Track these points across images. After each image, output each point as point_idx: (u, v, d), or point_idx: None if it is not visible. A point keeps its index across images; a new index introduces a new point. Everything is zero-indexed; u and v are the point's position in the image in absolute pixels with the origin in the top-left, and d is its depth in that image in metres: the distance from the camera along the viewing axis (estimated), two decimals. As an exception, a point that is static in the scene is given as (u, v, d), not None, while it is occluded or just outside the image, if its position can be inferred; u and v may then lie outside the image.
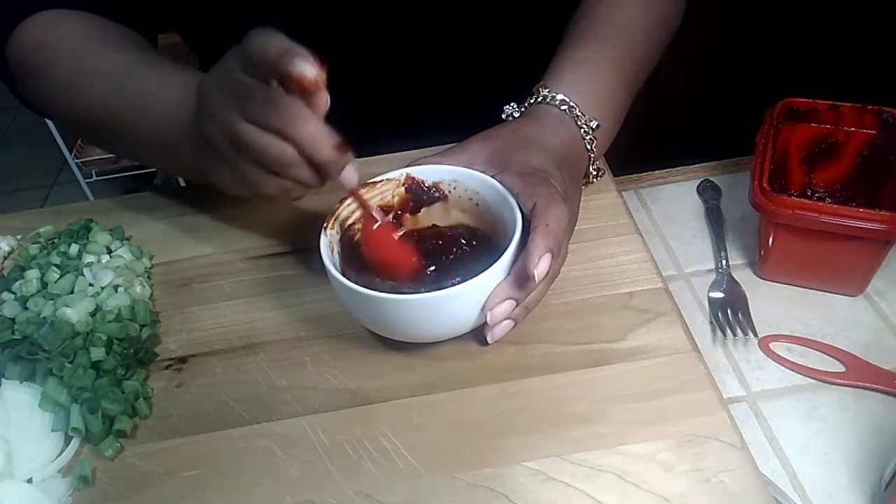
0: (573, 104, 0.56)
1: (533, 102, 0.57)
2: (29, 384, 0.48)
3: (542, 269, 0.44)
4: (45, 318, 0.51)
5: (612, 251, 0.56)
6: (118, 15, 0.63)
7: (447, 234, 0.52)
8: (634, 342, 0.49)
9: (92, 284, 0.54)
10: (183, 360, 0.52)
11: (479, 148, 0.54)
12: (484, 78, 0.70)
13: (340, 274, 0.46)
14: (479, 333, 0.49)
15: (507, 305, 0.46)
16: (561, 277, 0.51)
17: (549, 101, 0.56)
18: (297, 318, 0.54)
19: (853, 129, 0.72)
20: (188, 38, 0.74)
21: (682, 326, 0.50)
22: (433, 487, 0.43)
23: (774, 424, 0.60)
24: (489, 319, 0.46)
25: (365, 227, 0.50)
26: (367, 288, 0.45)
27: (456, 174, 0.52)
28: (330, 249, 0.49)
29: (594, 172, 0.59)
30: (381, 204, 0.53)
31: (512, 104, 0.60)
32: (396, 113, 0.71)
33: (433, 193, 0.53)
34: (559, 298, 0.53)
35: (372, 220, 0.49)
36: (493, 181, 0.51)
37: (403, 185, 0.53)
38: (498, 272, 0.45)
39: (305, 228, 0.58)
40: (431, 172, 0.53)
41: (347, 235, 0.51)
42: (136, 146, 0.60)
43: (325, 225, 0.50)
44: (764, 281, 0.72)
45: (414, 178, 0.53)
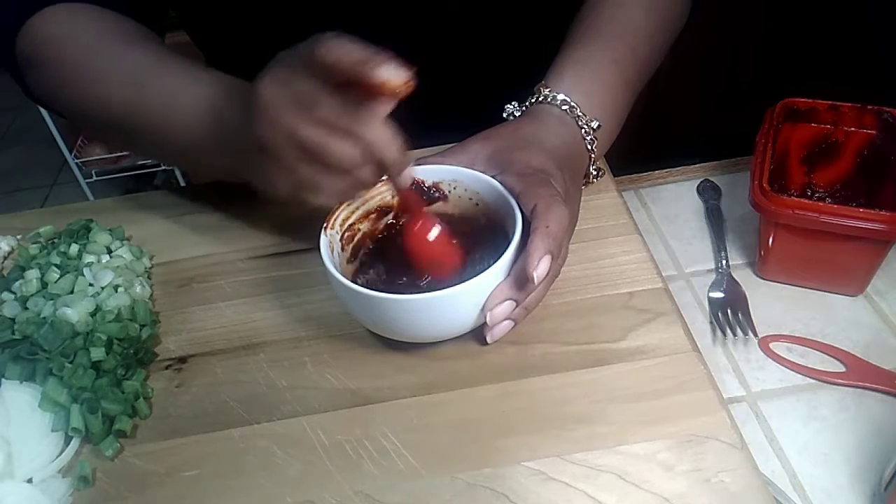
0: (574, 104, 0.56)
1: (534, 102, 0.57)
2: (29, 384, 0.48)
3: (541, 270, 0.44)
4: (45, 318, 0.51)
5: (612, 251, 0.56)
6: (129, 10, 0.62)
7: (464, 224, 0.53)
8: (634, 342, 0.49)
9: (92, 284, 0.54)
10: (183, 360, 0.52)
11: (479, 148, 0.54)
12: (485, 78, 0.70)
13: (341, 274, 0.46)
14: (479, 333, 0.49)
15: (506, 306, 0.46)
16: (561, 277, 0.51)
17: (550, 100, 0.56)
18: (297, 318, 0.54)
19: (853, 129, 0.72)
20: (195, 36, 0.73)
21: (682, 326, 0.50)
22: (433, 487, 0.43)
23: (774, 424, 0.60)
24: (489, 320, 0.46)
25: (408, 226, 0.50)
26: (367, 288, 0.45)
27: (456, 174, 0.52)
28: (330, 249, 0.49)
29: (594, 172, 0.59)
30: (381, 204, 0.53)
31: (513, 103, 0.60)
32: (396, 113, 0.71)
33: (433, 193, 0.53)
34: (559, 298, 0.53)
35: (418, 219, 0.49)
36: (493, 181, 0.51)
37: (403, 185, 0.53)
38: (498, 273, 0.46)
39: (305, 228, 0.58)
40: (431, 172, 0.53)
41: (376, 230, 0.53)
42: (154, 145, 0.60)
43: (325, 225, 0.50)
44: (764, 281, 0.72)
45: (414, 178, 0.53)
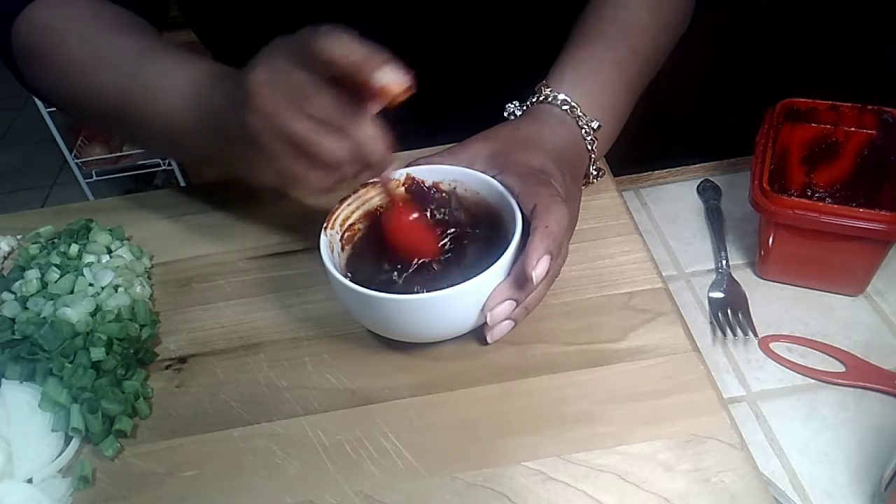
0: (574, 104, 0.56)
1: (535, 101, 0.57)
2: (29, 384, 0.48)
3: (540, 270, 0.44)
4: (45, 318, 0.51)
5: (612, 251, 0.56)
6: (128, 2, 0.62)
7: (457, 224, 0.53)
8: (634, 342, 0.49)
9: (92, 284, 0.54)
10: (183, 360, 0.52)
11: (479, 148, 0.54)
12: (486, 77, 0.70)
13: (341, 274, 0.46)
14: (479, 333, 0.49)
15: (506, 306, 0.46)
16: (561, 277, 0.51)
17: (550, 100, 0.56)
18: (297, 318, 0.54)
19: (853, 129, 0.72)
20: (200, 33, 0.73)
21: (682, 326, 0.50)
22: (433, 487, 0.43)
23: (774, 424, 0.60)
24: (489, 320, 0.46)
25: (386, 215, 0.50)
26: (367, 288, 0.45)
27: (456, 174, 0.52)
28: (330, 249, 0.49)
29: (594, 173, 0.59)
30: (381, 204, 0.53)
31: (514, 102, 0.60)
32: (396, 111, 0.71)
33: (433, 193, 0.53)
34: (559, 298, 0.53)
35: (396, 207, 0.49)
36: (493, 181, 0.51)
37: (403, 185, 0.53)
38: (498, 273, 0.46)
39: (305, 228, 0.58)
40: (431, 172, 0.53)
41: (363, 226, 0.52)
42: (144, 133, 0.60)
43: (325, 225, 0.50)
44: (764, 281, 0.72)
45: (414, 178, 0.53)
